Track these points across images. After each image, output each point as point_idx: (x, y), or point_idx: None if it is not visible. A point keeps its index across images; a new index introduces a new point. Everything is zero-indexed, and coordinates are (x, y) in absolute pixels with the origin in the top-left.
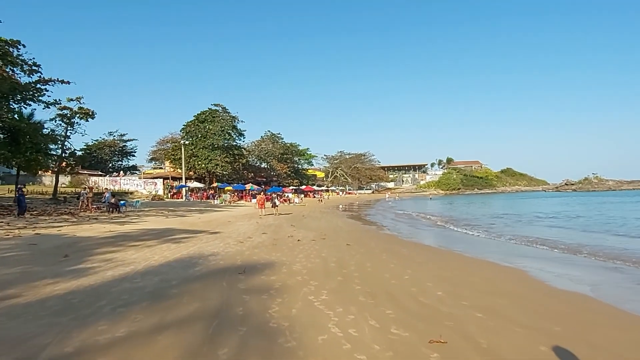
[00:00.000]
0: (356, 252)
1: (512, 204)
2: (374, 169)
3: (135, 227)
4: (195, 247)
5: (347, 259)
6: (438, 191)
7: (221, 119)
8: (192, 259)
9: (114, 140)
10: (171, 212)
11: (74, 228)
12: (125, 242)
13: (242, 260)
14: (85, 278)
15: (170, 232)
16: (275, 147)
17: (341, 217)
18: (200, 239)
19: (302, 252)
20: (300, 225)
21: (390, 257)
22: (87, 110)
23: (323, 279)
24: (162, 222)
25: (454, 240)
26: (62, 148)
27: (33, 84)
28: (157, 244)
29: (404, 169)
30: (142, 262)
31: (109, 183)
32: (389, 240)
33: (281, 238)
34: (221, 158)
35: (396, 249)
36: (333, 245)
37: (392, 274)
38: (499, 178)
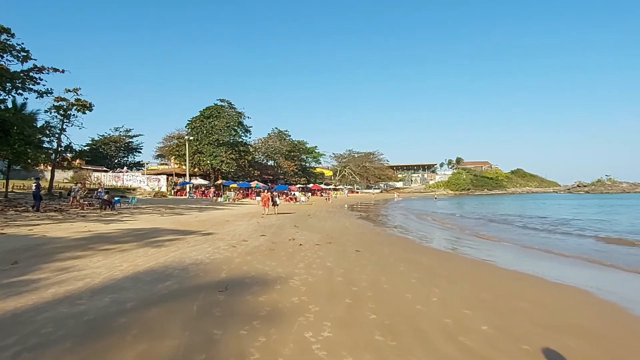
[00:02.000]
0: (367, 260)
1: (528, 205)
2: (383, 168)
3: (120, 226)
4: (177, 252)
5: (357, 271)
6: (447, 191)
7: (227, 114)
8: (167, 269)
9: (120, 136)
10: (169, 209)
11: (51, 227)
12: (98, 244)
13: (228, 272)
14: (17, 297)
15: (157, 232)
16: (282, 145)
17: (349, 217)
18: (188, 241)
19: (303, 260)
20: (304, 226)
21: (409, 268)
22: (84, 102)
23: (326, 302)
24: (153, 221)
25: (478, 246)
26: (57, 141)
27: (25, 72)
28: (134, 248)
29: (412, 168)
30: (103, 272)
31: (111, 179)
32: (405, 246)
33: (281, 241)
34: (226, 154)
35: (414, 258)
36: (340, 252)
37: (415, 294)
38: (509, 179)
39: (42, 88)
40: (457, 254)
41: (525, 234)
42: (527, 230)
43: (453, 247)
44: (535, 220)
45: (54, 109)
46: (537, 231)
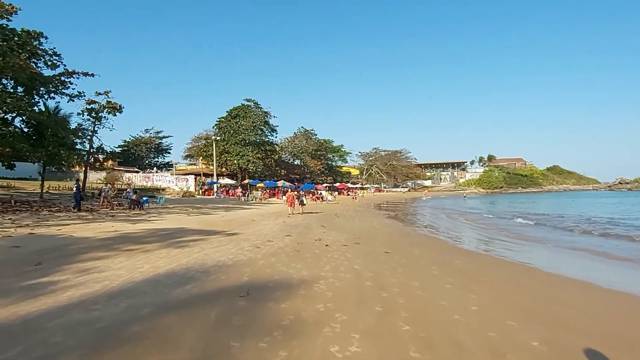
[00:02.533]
0: (397, 263)
1: (567, 203)
2: (411, 166)
3: (147, 226)
4: (200, 253)
5: (387, 275)
6: (478, 190)
7: (253, 114)
8: (188, 271)
9: (150, 138)
10: (196, 209)
11: (79, 227)
12: (122, 245)
13: (251, 275)
14: (33, 300)
15: (181, 233)
16: (308, 144)
17: (376, 216)
18: (212, 242)
19: (329, 263)
20: (331, 226)
21: (443, 271)
22: (114, 104)
23: (355, 310)
24: (179, 221)
25: (515, 247)
26: (90, 143)
27: (57, 77)
28: (157, 249)
29: (442, 166)
30: (123, 275)
31: (142, 179)
32: (436, 247)
33: (307, 242)
34: (253, 154)
35: (447, 260)
36: (368, 253)
37: (452, 302)
38: (545, 176)
39: (74, 92)
40: (493, 256)
41: (567, 234)
42: (569, 231)
43: (488, 248)
44: (578, 219)
45: (86, 112)
46: (581, 231)
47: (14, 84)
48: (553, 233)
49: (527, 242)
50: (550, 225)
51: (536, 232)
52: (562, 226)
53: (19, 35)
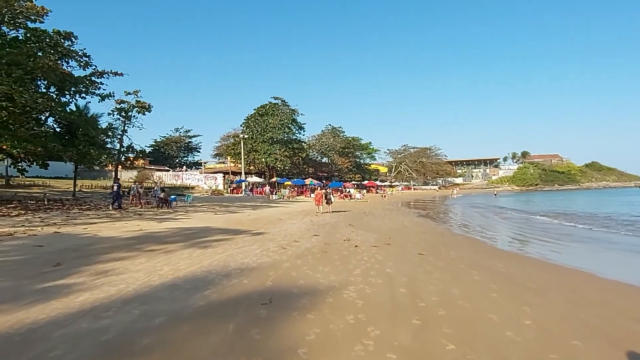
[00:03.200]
0: (433, 266)
1: (610, 201)
2: (441, 163)
3: (172, 225)
4: (223, 255)
5: (423, 280)
6: (512, 187)
7: (281, 112)
8: (209, 274)
9: (180, 137)
10: (223, 207)
11: (105, 225)
12: (145, 245)
13: (275, 279)
14: (43, 305)
15: (206, 232)
16: (336, 141)
17: (407, 214)
18: (236, 242)
19: (359, 266)
20: (360, 225)
21: (485, 276)
22: (143, 104)
23: (389, 322)
24: (206, 220)
25: (561, 249)
26: (120, 142)
27: (88, 77)
28: (180, 249)
29: (473, 163)
30: (141, 278)
31: (171, 178)
32: (474, 248)
33: (335, 242)
34: (280, 152)
35: (488, 263)
36: (400, 254)
37: (501, 315)
38: (583, 173)
39: (104, 92)
40: (538, 258)
41: (614, 234)
42: (616, 231)
43: (530, 249)
44: (626, 218)
45: (116, 111)
46: (632, 231)
47: (46, 85)
48: (599, 233)
49: (572, 243)
50: (597, 225)
51: (580, 231)
52: (610, 225)
53: (50, 36)
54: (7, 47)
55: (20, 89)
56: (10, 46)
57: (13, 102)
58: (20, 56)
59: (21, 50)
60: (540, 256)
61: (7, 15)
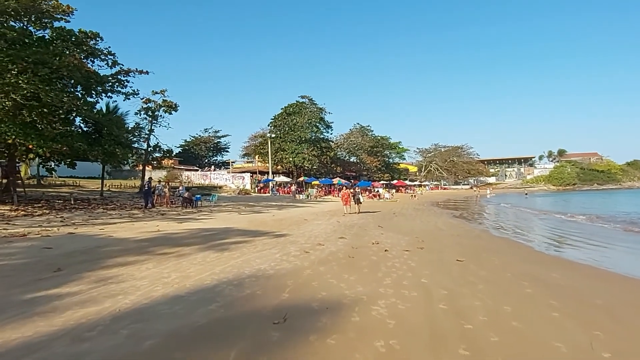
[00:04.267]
0: (475, 276)
1: None
2: (472, 162)
3: (193, 225)
4: (239, 259)
5: (466, 293)
6: (548, 186)
7: (308, 111)
8: (219, 284)
9: (209, 137)
10: (248, 207)
11: (124, 226)
12: (158, 247)
13: (293, 290)
14: (22, 322)
15: (226, 233)
16: (364, 140)
17: (439, 215)
18: (255, 245)
19: (389, 274)
20: (389, 227)
21: (539, 289)
22: (170, 103)
23: (429, 352)
24: (229, 220)
25: (623, 255)
26: (147, 141)
27: (114, 75)
28: (194, 253)
29: (506, 162)
30: (143, 287)
31: (200, 177)
32: (519, 254)
33: (363, 246)
34: (308, 151)
35: (539, 272)
36: (436, 261)
37: (569, 342)
38: (624, 172)
39: (129, 90)
40: (597, 266)
41: None
42: None
43: (583, 255)
44: None
45: (142, 111)
46: None
47: (73, 83)
48: None
49: (629, 249)
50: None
51: (633, 237)
52: None
53: (76, 35)
54: (33, 46)
55: (46, 88)
56: (37, 46)
57: (39, 101)
58: (47, 55)
59: (47, 49)
60: (596, 263)
61: (33, 15)
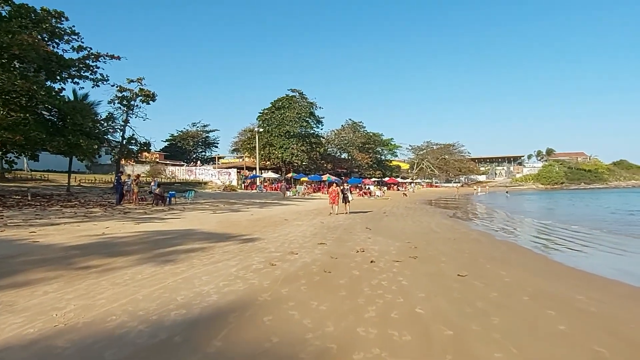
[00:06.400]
0: (485, 300)
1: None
2: (464, 160)
3: (150, 227)
4: (181, 276)
5: (479, 337)
6: (537, 185)
7: (298, 105)
8: (129, 321)
9: (197, 131)
10: (228, 205)
11: (64, 228)
12: (87, 258)
13: (230, 333)
14: None
15: (184, 237)
16: (356, 136)
17: (432, 215)
18: (212, 254)
19: (374, 300)
20: (378, 229)
21: (571, 321)
22: (147, 92)
23: None
24: (198, 220)
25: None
26: (122, 133)
27: (81, 60)
28: (128, 266)
29: (497, 161)
30: (8, 328)
31: (184, 173)
32: (530, 266)
33: (345, 254)
34: (297, 147)
35: (562, 292)
36: (433, 276)
37: None
38: (610, 171)
39: (98, 76)
40: (628, 281)
41: None
42: None
43: (611, 266)
44: None
45: (117, 100)
46: None
47: (36, 68)
48: None
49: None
50: None
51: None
52: None
53: (36, 12)
54: None
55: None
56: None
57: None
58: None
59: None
60: (620, 275)
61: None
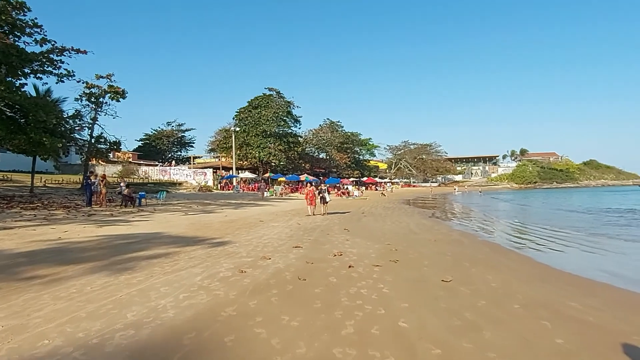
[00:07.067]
0: (473, 310)
1: (622, 199)
2: (441, 160)
3: (113, 231)
4: (136, 287)
5: (470, 353)
6: (512, 184)
7: (275, 104)
8: (63, 347)
9: (172, 131)
10: (202, 206)
11: (19, 232)
12: (34, 266)
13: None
14: None
15: (148, 242)
16: (334, 136)
17: (411, 215)
18: (177, 260)
19: (352, 312)
20: (357, 230)
21: (563, 332)
22: (117, 89)
23: None
24: (166, 223)
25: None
26: (90, 132)
27: (45, 54)
28: (78, 275)
29: (472, 161)
30: None
31: (158, 173)
32: (515, 267)
33: (321, 259)
34: (274, 146)
35: (558, 303)
36: (416, 283)
37: None
38: (581, 171)
39: (63, 71)
40: (615, 283)
41: None
42: None
43: (596, 268)
44: None
45: (84, 96)
46: None
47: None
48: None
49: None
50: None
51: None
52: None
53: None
54: None
55: None
56: None
57: None
58: None
59: None
60: (607, 276)
61: None
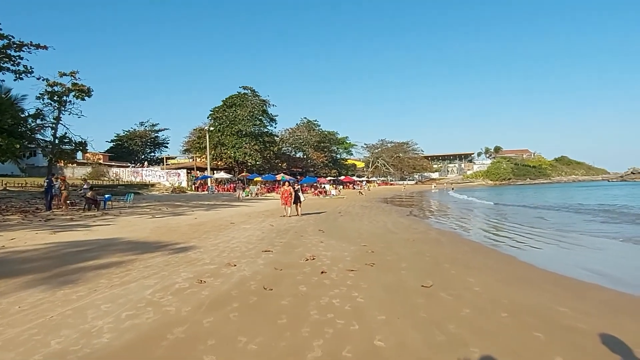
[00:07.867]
0: (457, 322)
1: (591, 194)
2: (417, 158)
3: (69, 237)
4: (73, 305)
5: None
6: (487, 181)
7: (250, 102)
8: None
9: (145, 131)
10: (171, 208)
11: None
12: None
13: None
14: None
15: (103, 249)
16: (311, 135)
17: (388, 213)
18: (131, 269)
19: (322, 330)
20: (332, 231)
21: (559, 346)
22: (82, 87)
23: None
24: (129, 227)
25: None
26: (53, 132)
27: (1, 49)
28: (5, 293)
29: (448, 158)
30: None
31: (130, 175)
32: (498, 268)
33: (292, 264)
34: (250, 146)
35: (547, 308)
36: (394, 290)
37: None
38: (553, 167)
39: (21, 68)
40: (606, 284)
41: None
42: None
43: (581, 267)
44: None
45: (46, 95)
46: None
47: None
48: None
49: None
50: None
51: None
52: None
53: None
54: None
55: None
56: None
57: None
58: None
59: None
60: (593, 276)
61: None
